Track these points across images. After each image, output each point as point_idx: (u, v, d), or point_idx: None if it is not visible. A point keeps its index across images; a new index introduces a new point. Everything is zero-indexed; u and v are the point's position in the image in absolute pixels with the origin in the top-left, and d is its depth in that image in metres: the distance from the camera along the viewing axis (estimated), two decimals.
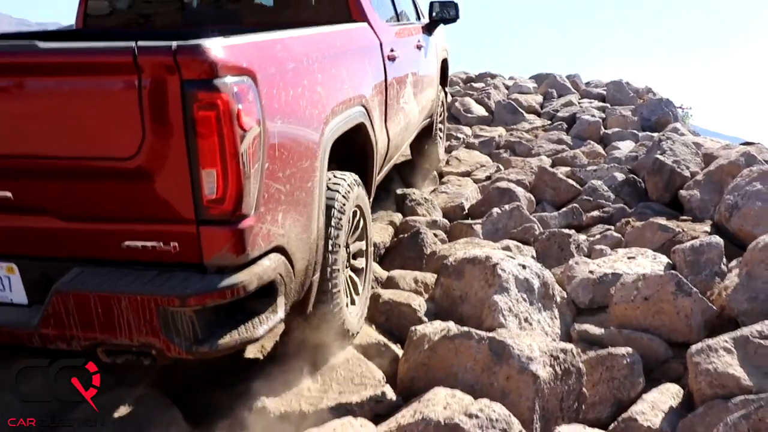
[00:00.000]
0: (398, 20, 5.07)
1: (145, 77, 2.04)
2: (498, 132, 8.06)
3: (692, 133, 8.08)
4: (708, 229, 4.81)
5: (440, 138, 6.65)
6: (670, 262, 4.27)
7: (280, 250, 2.46)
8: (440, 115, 6.53)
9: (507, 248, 4.57)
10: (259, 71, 2.26)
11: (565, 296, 4.07)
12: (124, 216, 2.24)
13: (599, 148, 7.46)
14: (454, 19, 5.83)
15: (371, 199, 3.85)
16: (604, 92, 9.79)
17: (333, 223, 2.96)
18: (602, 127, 8.07)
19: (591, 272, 4.13)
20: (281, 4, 4.45)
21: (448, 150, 7.49)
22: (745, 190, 4.58)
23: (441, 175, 6.88)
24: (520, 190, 5.89)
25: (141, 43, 2.03)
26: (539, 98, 9.61)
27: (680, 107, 10.91)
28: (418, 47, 5.32)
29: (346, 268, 3.34)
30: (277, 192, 2.41)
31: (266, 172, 2.30)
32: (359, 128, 3.42)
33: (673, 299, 3.51)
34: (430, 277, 4.34)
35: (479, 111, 8.82)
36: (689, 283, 3.54)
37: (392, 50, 4.32)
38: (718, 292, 3.77)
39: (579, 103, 9.39)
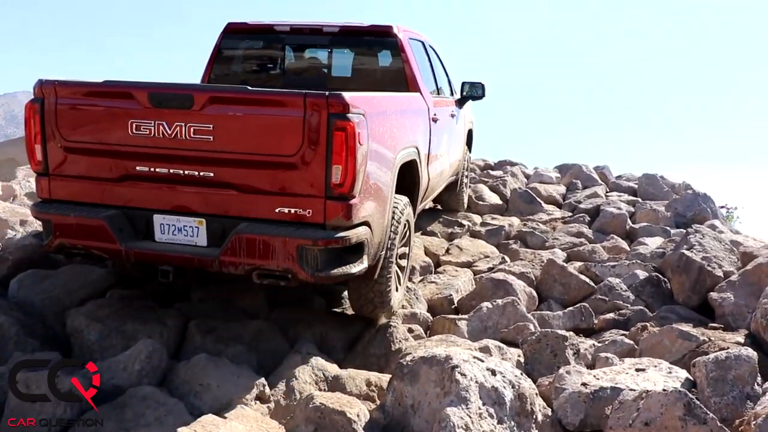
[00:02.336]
0: (438, 93, 6.28)
1: (308, 109, 3.48)
2: (510, 221, 7.30)
3: (733, 232, 7.17)
4: (741, 339, 3.88)
5: (465, 189, 7.96)
6: (690, 377, 3.37)
7: (367, 224, 3.79)
8: (466, 169, 7.86)
9: (485, 349, 3.74)
10: (368, 112, 3.67)
11: (550, 414, 3.19)
12: (280, 191, 3.61)
13: (623, 244, 6.61)
14: (480, 97, 6.91)
15: (415, 218, 5.05)
16: (636, 186, 9.00)
17: (393, 227, 4.24)
18: (629, 221, 7.24)
19: (584, 385, 3.25)
20: (357, 76, 5.79)
21: (449, 238, 6.76)
22: None
23: (438, 264, 6.12)
24: (519, 284, 5.08)
25: (308, 91, 3.52)
26: (561, 189, 8.85)
27: (724, 206, 10.00)
28: (452, 116, 6.55)
29: (396, 262, 4.45)
30: (371, 187, 3.78)
31: (366, 173, 3.68)
32: (412, 163, 4.68)
33: (681, 427, 2.63)
34: (387, 380, 3.53)
35: (493, 199, 8.11)
36: (703, 407, 2.65)
37: (435, 114, 5.58)
38: (748, 420, 2.85)
39: (606, 195, 8.61)
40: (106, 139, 3.76)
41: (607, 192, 8.84)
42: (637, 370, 3.48)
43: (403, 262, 4.72)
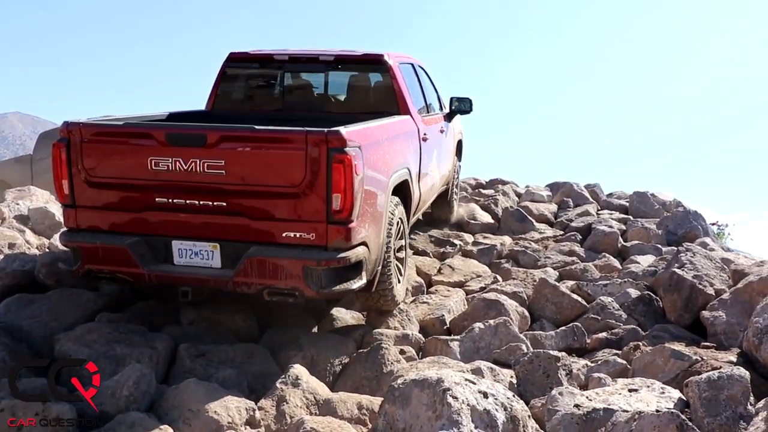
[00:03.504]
0: (427, 110, 6.58)
1: (309, 145, 3.85)
2: (501, 240, 7.29)
3: (724, 249, 7.19)
4: (734, 358, 3.87)
5: (455, 198, 8.27)
6: (683, 397, 3.35)
7: (365, 244, 4.18)
8: (456, 180, 8.19)
9: (477, 371, 3.71)
10: (363, 144, 4.06)
11: None
12: (287, 218, 3.99)
13: (615, 262, 6.61)
14: (468, 111, 7.29)
15: (409, 226, 5.49)
16: (627, 203, 9.01)
17: (388, 230, 4.60)
18: (620, 240, 7.24)
19: (577, 406, 3.24)
20: (351, 99, 6.15)
21: (441, 257, 6.74)
22: None
23: (430, 283, 6.10)
24: (511, 303, 5.06)
25: (309, 128, 3.89)
26: (553, 207, 8.83)
27: (715, 223, 10.03)
28: (441, 131, 6.86)
29: (394, 258, 4.85)
30: (367, 210, 4.15)
31: (363, 199, 4.05)
32: (404, 183, 5.04)
33: None
34: (378, 403, 3.49)
35: (484, 218, 8.09)
36: (696, 428, 2.63)
37: (425, 134, 5.91)
38: None
39: (597, 213, 8.61)
40: (128, 174, 4.14)
41: (598, 210, 8.84)
42: (630, 390, 3.45)
43: (401, 254, 5.12)
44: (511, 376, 3.88)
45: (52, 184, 8.00)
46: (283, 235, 3.98)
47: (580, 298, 5.37)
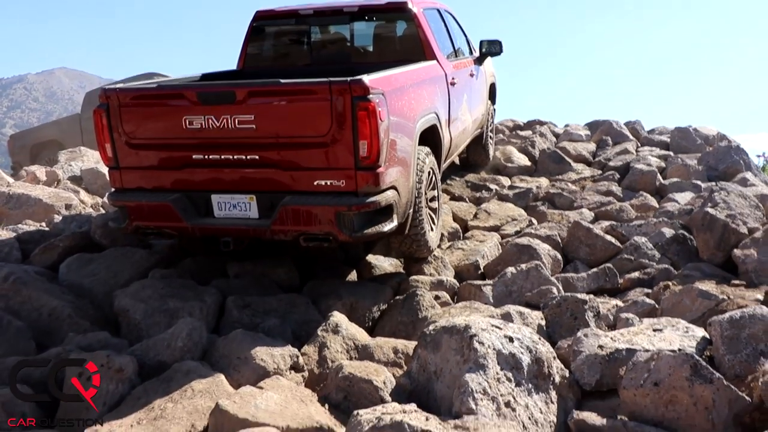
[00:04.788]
0: (456, 55, 6.69)
1: (334, 95, 4.00)
2: (538, 183, 7.33)
3: (767, 183, 7.07)
4: (761, 296, 3.94)
5: (490, 141, 8.36)
6: (707, 336, 3.46)
7: (394, 188, 4.34)
8: (490, 125, 8.31)
9: (506, 315, 3.88)
10: (386, 91, 4.19)
11: (567, 376, 3.34)
12: (317, 166, 4.16)
13: (652, 201, 6.60)
14: (499, 53, 7.40)
15: (441, 172, 5.68)
16: (668, 140, 8.87)
17: (418, 176, 4.76)
18: (659, 178, 7.19)
19: (601, 347, 3.38)
20: (377, 48, 6.29)
21: (477, 202, 6.85)
22: None
23: (466, 228, 6.25)
24: (544, 247, 5.17)
25: (332, 78, 4.03)
26: (591, 146, 8.75)
27: (761, 155, 9.80)
28: (471, 75, 6.98)
29: (427, 206, 5.07)
30: (394, 155, 4.29)
31: (389, 144, 4.19)
32: (433, 128, 5.17)
33: (688, 387, 2.75)
34: (413, 347, 3.72)
35: (521, 160, 8.11)
36: (710, 367, 2.76)
37: (453, 78, 6.02)
38: (756, 377, 2.95)
39: (637, 151, 8.51)
40: (165, 134, 4.38)
41: (638, 148, 8.74)
42: (655, 330, 3.57)
43: (434, 204, 5.32)
44: (541, 319, 4.04)
45: None
46: (315, 183, 4.16)
47: (613, 239, 5.43)
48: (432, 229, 5.18)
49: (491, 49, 7.31)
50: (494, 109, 8.58)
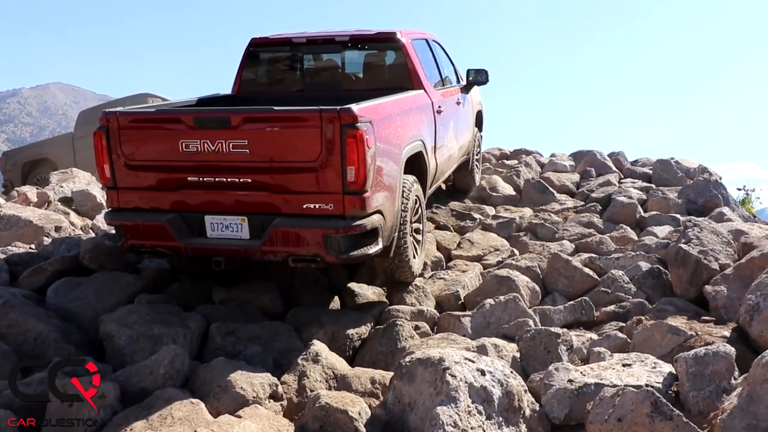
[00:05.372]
0: (443, 84, 6.92)
1: (324, 122, 4.19)
2: (521, 213, 7.49)
3: (743, 218, 7.25)
4: (728, 333, 4.07)
5: (477, 167, 8.61)
6: (674, 372, 3.58)
7: (379, 212, 4.50)
8: (477, 152, 8.56)
9: (481, 347, 3.99)
10: (374, 119, 4.38)
11: (538, 409, 3.45)
12: (307, 190, 4.33)
13: (631, 234, 6.76)
14: (485, 82, 7.63)
15: (426, 200, 5.81)
16: (651, 172, 9.06)
17: (404, 205, 4.96)
18: (639, 210, 7.36)
19: (570, 381, 3.49)
20: (367, 76, 6.51)
21: (462, 231, 6.99)
22: None
23: (449, 257, 6.37)
24: (523, 279, 5.30)
25: (322, 107, 4.22)
26: (575, 177, 8.94)
27: (742, 188, 10.01)
28: (458, 103, 7.21)
29: (411, 234, 5.25)
30: (380, 181, 4.47)
31: (376, 170, 4.38)
32: (419, 154, 5.36)
33: (649, 423, 2.86)
34: (390, 378, 3.81)
35: (506, 190, 8.28)
36: (669, 404, 2.88)
37: (439, 107, 6.23)
38: (716, 414, 3.07)
39: (620, 182, 8.70)
40: (162, 156, 4.56)
41: (621, 179, 8.92)
42: (624, 365, 3.69)
43: (419, 235, 5.54)
44: (516, 351, 4.15)
45: (92, 161, 8.56)
46: (304, 206, 4.35)
47: (591, 272, 5.57)
48: (416, 255, 5.37)
49: (477, 78, 7.56)
50: (481, 136, 8.84)
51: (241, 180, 4.43)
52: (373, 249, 4.50)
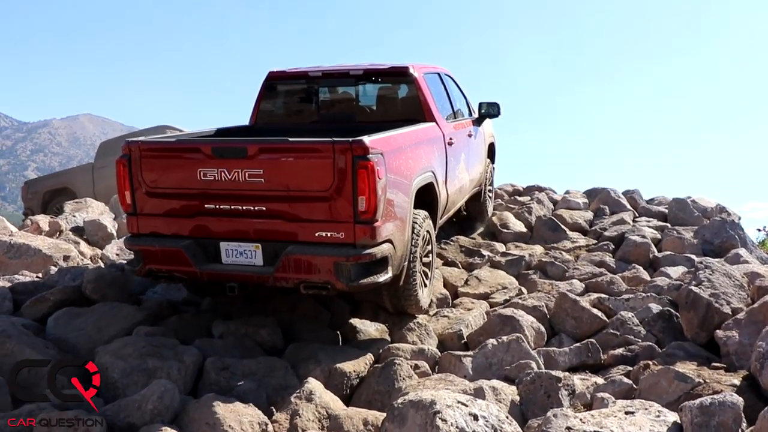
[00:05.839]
0: (455, 116, 7.03)
1: (336, 153, 4.30)
2: (532, 250, 7.36)
3: (761, 260, 7.04)
4: (738, 381, 3.91)
5: (489, 199, 8.65)
6: (678, 421, 3.43)
7: (390, 241, 4.59)
8: (489, 183, 8.66)
9: (479, 390, 3.87)
10: (385, 151, 4.49)
11: None
12: (319, 219, 4.44)
13: (644, 274, 6.60)
14: (496, 115, 7.73)
15: (436, 231, 5.87)
16: (666, 211, 8.89)
17: (414, 239, 5.04)
18: (653, 250, 7.20)
19: (569, 429, 3.36)
20: (380, 109, 6.64)
21: (470, 268, 6.89)
22: None
23: (456, 295, 6.27)
24: (528, 319, 5.18)
25: (335, 139, 4.31)
26: (588, 215, 8.79)
27: (763, 229, 9.79)
28: (469, 135, 7.29)
29: (421, 268, 5.32)
30: (390, 211, 4.57)
31: (386, 201, 4.49)
32: (430, 185, 5.47)
33: None
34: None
35: (517, 227, 8.16)
36: None
37: (451, 139, 6.31)
38: None
39: (634, 221, 8.53)
40: (181, 184, 4.70)
41: (635, 218, 8.76)
42: (627, 413, 3.54)
43: (428, 263, 5.59)
44: (516, 395, 4.02)
45: (111, 190, 8.79)
46: (316, 234, 4.44)
47: (600, 313, 5.43)
48: (425, 286, 5.40)
49: (489, 110, 7.65)
50: (493, 168, 8.92)
51: (256, 208, 4.55)
52: (383, 277, 4.56)
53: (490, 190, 8.71)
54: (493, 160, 8.85)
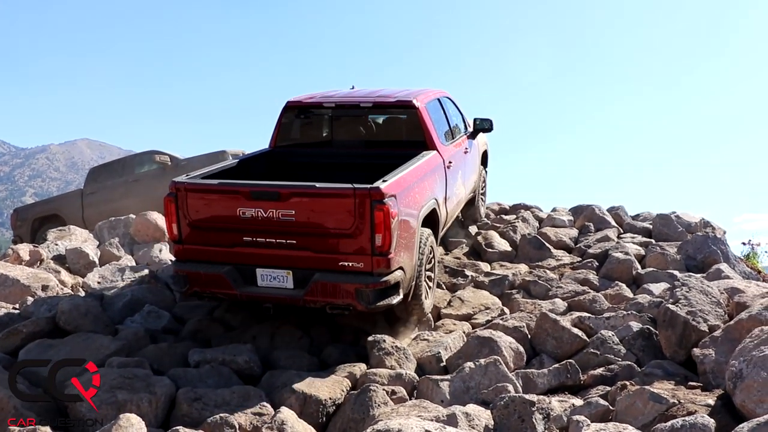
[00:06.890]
0: (452, 135, 7.62)
1: (357, 198, 4.96)
2: (516, 269, 7.33)
3: (744, 275, 7.02)
4: (712, 401, 3.87)
5: (482, 201, 9.47)
6: None
7: (401, 268, 5.25)
8: (482, 186, 9.44)
9: (452, 416, 3.83)
10: (398, 193, 5.13)
11: None
12: (342, 251, 5.10)
13: (627, 291, 6.57)
14: (489, 129, 8.45)
15: (438, 243, 6.56)
16: (651, 226, 8.87)
17: (419, 258, 5.62)
18: (636, 267, 7.17)
19: None
20: (387, 134, 7.45)
21: (453, 288, 6.86)
22: (751, 355, 3.68)
23: (439, 316, 6.23)
24: (506, 340, 5.14)
25: (356, 185, 4.98)
26: (573, 232, 8.76)
27: (747, 242, 9.76)
28: (465, 151, 7.90)
29: (425, 279, 5.88)
30: (402, 243, 5.20)
31: (399, 234, 5.12)
32: (433, 210, 6.09)
33: None
34: None
35: (502, 246, 8.12)
36: None
37: (450, 162, 6.89)
38: None
39: (619, 237, 8.51)
40: (222, 219, 5.35)
41: (620, 234, 8.73)
42: None
43: (430, 280, 6.12)
44: (490, 419, 3.97)
45: (100, 216, 8.84)
46: (340, 264, 5.10)
47: (580, 332, 5.39)
48: (428, 296, 6.00)
49: (483, 125, 8.37)
50: (486, 172, 9.63)
51: (288, 241, 5.18)
52: (396, 299, 5.22)
53: (483, 194, 9.44)
54: (485, 166, 9.51)
